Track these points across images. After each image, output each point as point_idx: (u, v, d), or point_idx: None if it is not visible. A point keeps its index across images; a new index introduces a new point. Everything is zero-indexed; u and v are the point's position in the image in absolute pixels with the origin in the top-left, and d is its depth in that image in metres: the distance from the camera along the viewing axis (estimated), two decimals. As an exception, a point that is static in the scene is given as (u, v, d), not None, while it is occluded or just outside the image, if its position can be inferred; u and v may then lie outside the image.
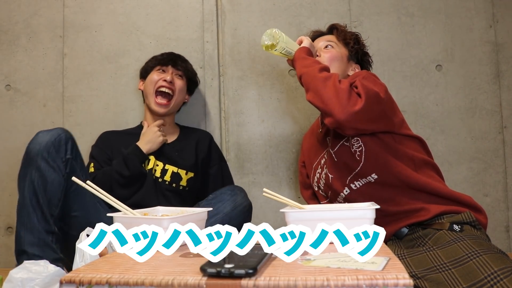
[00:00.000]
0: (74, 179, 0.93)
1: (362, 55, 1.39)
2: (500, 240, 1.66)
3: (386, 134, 1.17)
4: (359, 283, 0.57)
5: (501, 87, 1.70)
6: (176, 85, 1.56)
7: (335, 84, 1.09)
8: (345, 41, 1.36)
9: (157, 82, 1.55)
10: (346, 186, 1.20)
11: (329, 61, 1.32)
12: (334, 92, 1.07)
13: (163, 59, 1.60)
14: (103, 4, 1.83)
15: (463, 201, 1.14)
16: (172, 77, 1.56)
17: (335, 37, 1.39)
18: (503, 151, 1.69)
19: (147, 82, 1.59)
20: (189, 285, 0.59)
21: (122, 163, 1.43)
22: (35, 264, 0.85)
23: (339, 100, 1.06)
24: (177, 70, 1.59)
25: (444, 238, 1.01)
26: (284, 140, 1.75)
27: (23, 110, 1.81)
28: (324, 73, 1.13)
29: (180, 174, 1.52)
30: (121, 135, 1.61)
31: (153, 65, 1.60)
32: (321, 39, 1.40)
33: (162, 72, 1.58)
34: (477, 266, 0.86)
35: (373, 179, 1.16)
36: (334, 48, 1.35)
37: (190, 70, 1.65)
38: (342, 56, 1.35)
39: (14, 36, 1.83)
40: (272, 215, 1.72)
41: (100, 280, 0.61)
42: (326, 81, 1.10)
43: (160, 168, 1.51)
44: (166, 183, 1.50)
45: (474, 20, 1.73)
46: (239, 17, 1.80)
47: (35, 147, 1.18)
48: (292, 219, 0.88)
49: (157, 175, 1.50)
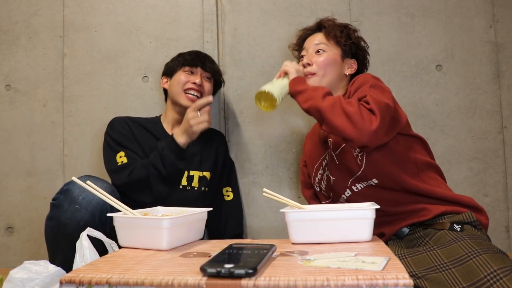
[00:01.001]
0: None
1: (356, 48, 1.35)
2: (500, 240, 1.66)
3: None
4: (359, 283, 0.57)
5: (501, 87, 1.70)
6: (205, 88, 1.52)
7: (343, 109, 1.06)
8: (336, 40, 1.31)
9: (186, 83, 1.49)
10: (348, 188, 1.20)
11: (323, 67, 1.28)
12: (345, 118, 1.05)
13: (192, 59, 1.53)
14: (103, 4, 1.82)
15: (464, 202, 1.14)
16: (201, 80, 1.50)
17: (325, 36, 1.33)
18: (503, 151, 1.69)
19: (173, 82, 1.53)
20: (189, 285, 0.59)
21: (159, 159, 1.37)
22: (35, 264, 0.85)
23: (354, 124, 1.04)
24: (206, 72, 1.54)
25: (444, 238, 1.01)
26: (284, 140, 1.75)
27: (23, 110, 1.81)
28: (327, 101, 1.09)
29: (206, 177, 1.51)
30: (138, 127, 1.53)
31: (181, 64, 1.53)
32: (311, 41, 1.35)
33: (190, 73, 1.52)
34: (477, 265, 0.86)
35: (373, 183, 1.16)
36: (326, 52, 1.30)
37: (218, 72, 1.60)
38: (335, 57, 1.31)
39: (14, 36, 1.83)
40: (272, 215, 1.72)
41: (100, 280, 0.61)
42: (333, 109, 1.07)
43: (185, 176, 1.47)
44: (195, 189, 1.48)
45: (474, 20, 1.73)
46: (239, 17, 1.80)
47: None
48: (292, 219, 0.88)
49: (184, 184, 1.47)
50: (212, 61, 1.59)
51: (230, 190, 1.63)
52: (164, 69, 1.61)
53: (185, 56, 1.55)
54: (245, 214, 1.73)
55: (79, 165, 1.77)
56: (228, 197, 1.62)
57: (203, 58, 1.55)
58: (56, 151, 1.79)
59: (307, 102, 1.13)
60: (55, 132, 1.79)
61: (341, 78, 1.32)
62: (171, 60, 1.60)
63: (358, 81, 1.21)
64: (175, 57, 1.59)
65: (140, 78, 1.79)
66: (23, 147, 1.80)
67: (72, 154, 1.78)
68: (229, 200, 1.61)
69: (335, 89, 1.31)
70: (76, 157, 1.78)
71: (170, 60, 1.61)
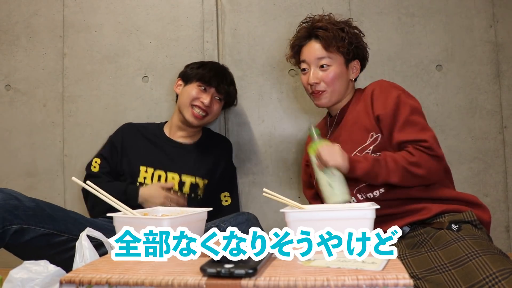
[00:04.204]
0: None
1: (355, 49, 1.30)
2: (500, 240, 1.65)
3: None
4: (359, 283, 0.57)
5: (501, 87, 1.70)
6: (213, 109, 1.51)
7: (414, 175, 1.09)
8: (339, 51, 1.25)
9: (195, 99, 1.48)
10: (353, 196, 1.20)
11: (332, 84, 1.25)
12: (420, 180, 1.11)
13: (210, 77, 1.49)
14: (103, 4, 1.83)
15: (466, 200, 1.14)
16: (211, 101, 1.49)
17: (325, 49, 1.26)
18: (503, 151, 1.68)
19: (184, 92, 1.51)
20: (189, 285, 0.59)
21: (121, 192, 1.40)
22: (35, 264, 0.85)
23: (428, 179, 1.13)
24: (218, 94, 1.52)
25: (444, 238, 1.01)
26: (284, 140, 1.75)
27: (23, 110, 1.81)
28: (395, 174, 1.09)
29: (198, 184, 1.51)
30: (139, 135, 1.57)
31: (197, 78, 1.50)
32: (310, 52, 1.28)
33: (204, 90, 1.49)
34: (476, 267, 0.86)
35: (379, 193, 1.16)
36: (330, 66, 1.25)
37: (231, 94, 1.56)
38: (341, 69, 1.27)
39: (14, 36, 1.83)
40: (272, 215, 1.72)
41: (100, 280, 0.61)
42: (405, 179, 1.10)
43: (176, 182, 1.48)
44: (185, 195, 1.48)
45: (474, 20, 1.73)
46: (239, 17, 1.80)
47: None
48: (292, 219, 0.88)
49: (175, 189, 1.47)
50: (230, 82, 1.56)
51: (228, 195, 1.62)
52: (182, 71, 1.58)
53: (204, 69, 1.51)
54: (245, 214, 1.73)
55: (79, 165, 1.77)
56: (226, 202, 1.61)
57: (221, 78, 1.52)
58: (56, 151, 1.79)
59: (375, 180, 1.12)
60: (55, 132, 1.79)
61: (347, 85, 1.31)
62: (190, 67, 1.55)
63: (385, 97, 1.19)
64: (196, 65, 1.55)
65: (140, 78, 1.79)
66: (23, 147, 1.80)
67: (72, 154, 1.78)
68: (226, 206, 1.60)
69: (343, 97, 1.30)
70: (76, 157, 1.78)
71: (190, 64, 1.57)
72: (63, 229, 1.20)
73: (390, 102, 1.17)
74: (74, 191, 1.76)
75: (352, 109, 1.27)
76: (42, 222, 1.16)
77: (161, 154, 1.53)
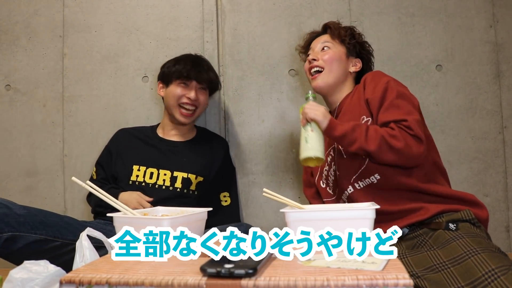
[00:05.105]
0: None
1: (360, 48, 1.39)
2: (500, 240, 1.65)
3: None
4: (359, 283, 0.57)
5: (501, 87, 1.70)
6: (200, 100, 1.53)
7: (391, 145, 1.08)
8: (341, 39, 1.35)
9: (180, 98, 1.50)
10: (351, 185, 1.21)
11: (329, 63, 1.32)
12: (395, 154, 1.09)
13: (187, 71, 1.50)
14: (103, 4, 1.82)
15: (464, 198, 1.14)
16: (196, 93, 1.51)
17: (330, 36, 1.37)
18: (503, 151, 1.68)
19: (168, 93, 1.53)
20: (189, 285, 0.59)
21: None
22: (35, 264, 0.85)
23: (405, 157, 1.09)
24: (200, 84, 1.53)
25: (443, 237, 1.02)
26: (284, 140, 1.75)
27: (23, 110, 1.81)
28: (372, 141, 1.09)
29: (190, 179, 1.51)
30: (134, 138, 1.60)
31: (175, 76, 1.51)
32: (318, 41, 1.39)
33: (185, 86, 1.51)
34: (475, 264, 0.86)
35: (376, 179, 1.16)
36: (330, 49, 1.35)
37: (213, 80, 1.57)
38: (340, 55, 1.34)
39: (14, 36, 1.83)
40: (272, 215, 1.72)
41: (100, 280, 0.61)
42: (381, 149, 1.08)
43: (168, 177, 1.49)
44: (178, 190, 1.49)
45: (474, 20, 1.73)
46: (239, 17, 1.80)
47: None
48: (292, 219, 0.88)
49: (167, 184, 1.48)
50: (207, 68, 1.56)
51: (228, 196, 1.62)
52: (160, 74, 1.59)
53: (180, 65, 1.52)
54: (245, 214, 1.73)
55: (79, 165, 1.77)
56: (225, 202, 1.61)
57: (197, 68, 1.52)
58: (56, 151, 1.79)
59: (351, 145, 1.12)
60: (55, 132, 1.79)
61: (346, 75, 1.35)
62: (166, 66, 1.56)
63: (376, 82, 1.22)
64: (170, 64, 1.55)
65: (140, 78, 1.79)
66: (23, 147, 1.80)
67: (72, 154, 1.78)
68: (226, 206, 1.61)
69: (341, 85, 1.34)
70: (76, 157, 1.78)
71: (166, 63, 1.58)
72: (56, 235, 1.20)
73: (379, 87, 1.20)
74: (74, 191, 1.76)
75: (349, 101, 1.31)
76: (34, 229, 1.16)
77: (153, 152, 1.55)
